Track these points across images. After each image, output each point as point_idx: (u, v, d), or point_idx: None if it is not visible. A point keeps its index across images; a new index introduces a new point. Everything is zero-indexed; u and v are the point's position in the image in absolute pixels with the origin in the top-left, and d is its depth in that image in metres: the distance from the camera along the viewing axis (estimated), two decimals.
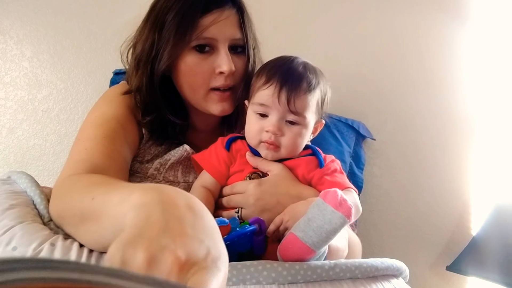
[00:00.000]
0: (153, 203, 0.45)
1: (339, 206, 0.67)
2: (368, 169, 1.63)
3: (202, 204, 0.49)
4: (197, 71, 0.93)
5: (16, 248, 0.66)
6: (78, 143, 0.88)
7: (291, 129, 0.86)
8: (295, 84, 0.84)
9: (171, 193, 0.48)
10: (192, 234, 0.41)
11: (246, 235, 0.73)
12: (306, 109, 0.85)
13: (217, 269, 0.38)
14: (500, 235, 1.52)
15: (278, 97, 0.83)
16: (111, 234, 0.56)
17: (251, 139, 0.89)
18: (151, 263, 0.36)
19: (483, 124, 1.70)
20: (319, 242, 0.68)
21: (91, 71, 1.56)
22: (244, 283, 0.66)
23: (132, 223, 0.44)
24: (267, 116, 0.86)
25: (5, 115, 1.53)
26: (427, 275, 1.70)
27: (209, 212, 0.48)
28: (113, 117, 0.92)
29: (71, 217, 0.70)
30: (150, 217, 0.43)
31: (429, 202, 1.69)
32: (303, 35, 1.65)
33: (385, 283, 0.74)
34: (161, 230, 0.40)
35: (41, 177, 1.53)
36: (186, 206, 0.46)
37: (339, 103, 1.60)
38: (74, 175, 0.77)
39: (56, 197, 0.77)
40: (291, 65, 0.87)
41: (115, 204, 0.55)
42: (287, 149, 0.87)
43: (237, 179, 0.89)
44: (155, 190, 0.49)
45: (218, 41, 0.92)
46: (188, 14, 0.89)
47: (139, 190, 0.50)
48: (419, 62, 1.68)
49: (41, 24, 1.53)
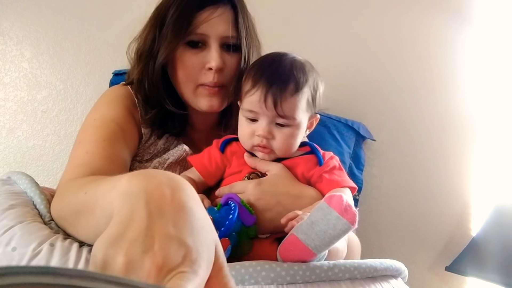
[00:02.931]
0: (137, 193, 0.45)
1: (344, 212, 0.67)
2: (367, 170, 1.62)
3: (190, 188, 0.48)
4: (188, 65, 0.95)
5: (16, 249, 0.66)
6: (79, 145, 0.89)
7: (282, 132, 0.85)
8: (281, 87, 0.82)
9: (158, 180, 0.46)
10: (173, 234, 0.40)
11: (234, 220, 0.73)
12: (295, 110, 0.84)
13: (194, 274, 0.38)
14: (499, 235, 1.52)
15: (265, 103, 0.82)
16: (105, 224, 0.56)
17: (244, 143, 0.89)
18: (129, 267, 0.37)
19: (483, 124, 1.69)
20: (321, 246, 0.67)
21: (90, 72, 1.56)
22: (242, 284, 0.66)
23: (116, 218, 0.43)
24: (257, 120, 0.86)
25: (4, 116, 1.53)
26: (426, 275, 1.70)
27: (197, 199, 0.47)
28: (112, 119, 0.94)
29: (68, 215, 0.71)
30: (133, 212, 0.42)
31: (429, 203, 1.68)
32: (303, 35, 1.65)
33: (384, 284, 0.74)
34: (142, 230, 0.40)
35: (41, 177, 1.54)
36: (171, 197, 0.44)
37: (339, 103, 1.60)
38: (75, 179, 0.78)
39: (55, 200, 0.78)
40: (277, 65, 0.86)
41: (104, 192, 0.55)
42: (281, 151, 0.87)
43: (235, 179, 0.88)
44: (142, 176, 0.47)
45: (210, 38, 0.94)
46: (185, 11, 0.92)
47: (127, 176, 0.49)
48: (420, 62, 1.68)
49: (40, 25, 1.53)
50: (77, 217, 0.67)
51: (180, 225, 0.42)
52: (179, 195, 0.45)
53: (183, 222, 0.42)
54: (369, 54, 1.67)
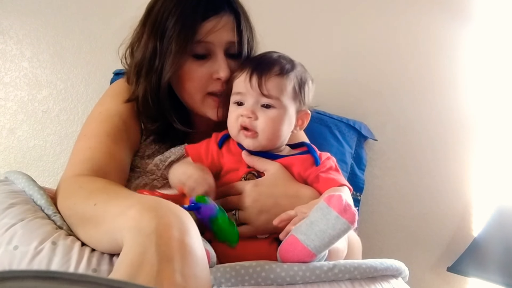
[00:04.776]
0: (148, 234, 0.50)
1: (343, 212, 0.67)
2: (369, 170, 1.62)
3: (194, 228, 0.55)
4: (195, 77, 0.94)
5: (18, 247, 0.66)
6: (83, 139, 0.91)
7: (266, 113, 0.85)
8: (266, 68, 0.85)
9: (167, 222, 0.52)
10: (180, 283, 0.46)
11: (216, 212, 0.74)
12: (280, 92, 0.85)
13: None
14: (501, 236, 1.52)
15: (250, 82, 0.84)
16: (107, 243, 0.66)
17: (230, 128, 0.89)
18: None
19: (485, 125, 1.69)
20: (321, 247, 0.67)
21: (91, 72, 1.56)
22: (242, 284, 0.66)
23: (127, 257, 0.49)
24: (244, 104, 0.87)
25: (5, 116, 1.53)
26: (428, 276, 1.69)
27: (199, 238, 0.55)
28: (116, 113, 0.95)
29: (73, 217, 0.74)
30: (144, 254, 0.48)
31: (430, 203, 1.68)
32: (305, 34, 1.65)
33: (384, 284, 0.74)
34: (153, 276, 0.45)
35: (42, 177, 1.53)
36: (179, 241, 0.51)
37: (341, 103, 1.60)
38: (79, 176, 0.81)
39: (63, 196, 0.80)
40: (264, 55, 0.91)
41: (114, 215, 0.60)
42: (265, 134, 0.86)
43: (232, 178, 0.88)
44: (153, 214, 0.53)
45: (215, 47, 0.93)
46: (188, 22, 0.90)
47: (137, 206, 0.56)
48: (421, 62, 1.67)
49: (41, 24, 1.53)
50: (82, 224, 0.71)
51: (186, 273, 0.48)
52: (187, 240, 0.52)
53: (188, 269, 0.49)
54: (371, 54, 1.66)
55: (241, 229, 0.82)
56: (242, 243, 0.80)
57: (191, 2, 0.91)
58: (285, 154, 0.90)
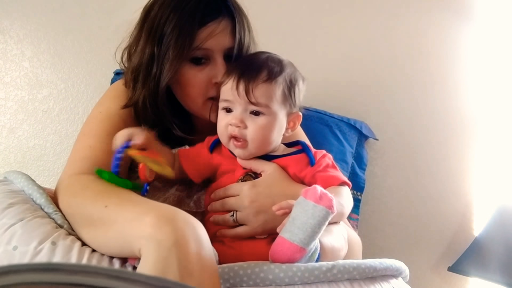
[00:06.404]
0: (169, 248, 0.55)
1: (319, 199, 0.68)
2: (370, 170, 1.61)
3: (206, 238, 0.61)
4: (195, 83, 0.93)
5: (17, 248, 0.66)
6: (83, 138, 0.92)
7: (255, 121, 0.83)
8: (253, 74, 0.82)
9: (185, 234, 0.57)
10: None
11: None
12: (268, 98, 0.82)
13: None
14: (502, 236, 1.51)
15: (237, 89, 0.82)
16: (117, 246, 0.67)
17: (221, 136, 0.88)
18: None
19: (486, 124, 1.68)
20: (306, 238, 0.67)
21: (91, 71, 1.56)
22: (241, 285, 0.66)
23: (149, 269, 0.55)
24: (232, 111, 0.85)
25: (5, 115, 1.53)
26: (428, 275, 1.69)
27: (210, 249, 0.62)
28: (116, 113, 0.95)
29: (78, 216, 0.75)
30: (167, 269, 0.54)
31: (431, 203, 1.68)
32: (305, 35, 1.65)
33: (384, 284, 0.74)
34: None
35: (42, 177, 1.53)
36: (197, 254, 0.57)
37: (342, 102, 1.60)
38: (81, 175, 0.82)
39: (65, 193, 0.80)
40: (252, 57, 0.89)
41: (128, 220, 0.63)
42: (255, 142, 0.84)
43: (228, 179, 0.88)
44: (170, 225, 0.57)
45: (214, 52, 0.92)
46: (186, 28, 0.88)
47: (153, 213, 0.59)
48: (422, 61, 1.67)
49: (41, 24, 1.53)
50: (87, 224, 0.72)
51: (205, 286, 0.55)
52: (203, 253, 0.58)
53: (207, 282, 0.56)
54: (372, 53, 1.66)
55: (240, 230, 0.82)
56: (241, 244, 0.81)
57: (188, 7, 0.89)
58: (280, 154, 0.89)
